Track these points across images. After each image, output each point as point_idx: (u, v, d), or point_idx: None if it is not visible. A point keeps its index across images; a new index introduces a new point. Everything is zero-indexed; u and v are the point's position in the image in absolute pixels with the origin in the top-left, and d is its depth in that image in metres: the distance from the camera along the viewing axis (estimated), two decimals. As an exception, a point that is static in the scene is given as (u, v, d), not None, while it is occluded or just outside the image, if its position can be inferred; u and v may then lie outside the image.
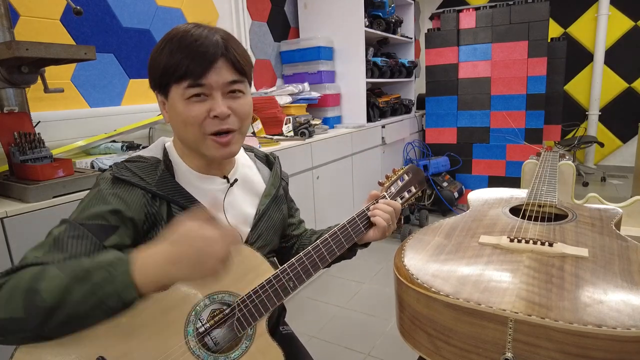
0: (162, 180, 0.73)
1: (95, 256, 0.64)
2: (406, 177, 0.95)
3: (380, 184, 0.94)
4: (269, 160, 0.94)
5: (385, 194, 0.90)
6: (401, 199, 0.91)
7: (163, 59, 0.69)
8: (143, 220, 0.70)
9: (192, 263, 0.57)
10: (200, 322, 0.70)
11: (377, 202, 0.87)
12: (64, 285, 0.55)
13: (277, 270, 0.76)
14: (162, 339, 0.65)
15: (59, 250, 0.62)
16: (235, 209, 0.82)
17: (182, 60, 0.67)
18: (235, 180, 0.83)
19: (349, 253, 0.89)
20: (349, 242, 0.83)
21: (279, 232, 0.92)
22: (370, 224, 0.86)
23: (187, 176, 0.77)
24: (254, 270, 0.75)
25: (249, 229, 0.83)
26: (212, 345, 0.71)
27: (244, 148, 0.93)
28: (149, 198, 0.71)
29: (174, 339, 0.66)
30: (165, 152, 0.78)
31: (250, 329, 0.73)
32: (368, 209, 0.86)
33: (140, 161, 0.75)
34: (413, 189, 0.94)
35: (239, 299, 0.72)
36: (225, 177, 0.81)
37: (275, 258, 0.91)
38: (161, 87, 0.71)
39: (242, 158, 0.89)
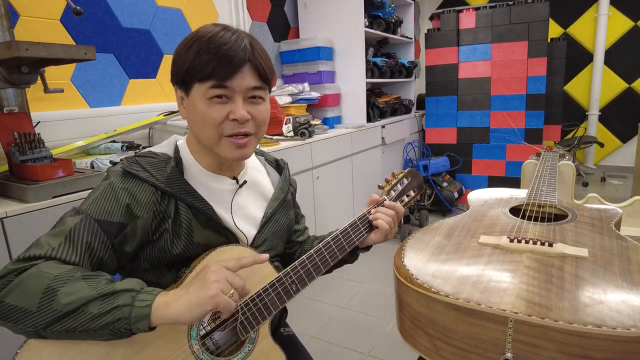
0: (171, 178, 0.73)
1: (105, 267, 0.67)
2: (405, 181, 0.96)
3: (380, 187, 0.95)
4: (279, 165, 0.94)
5: (385, 197, 0.91)
6: (400, 202, 0.93)
7: (189, 57, 0.69)
8: (152, 219, 0.71)
9: (193, 289, 0.61)
10: (202, 326, 0.70)
11: (378, 205, 0.88)
12: (87, 297, 0.57)
13: (280, 273, 0.76)
14: (166, 343, 0.65)
15: (73, 244, 0.64)
16: (243, 210, 0.82)
17: (209, 61, 0.68)
18: (245, 181, 0.83)
19: (351, 257, 0.90)
20: (350, 245, 0.84)
21: (285, 237, 0.92)
22: (371, 228, 0.87)
23: (197, 174, 0.77)
24: (257, 273, 0.75)
25: (256, 232, 0.83)
26: (215, 349, 0.71)
27: (255, 152, 0.93)
28: (159, 196, 0.71)
29: (178, 342, 0.66)
30: (176, 150, 0.78)
31: (253, 332, 0.73)
32: (369, 212, 0.87)
33: (151, 157, 0.75)
34: (412, 193, 0.96)
35: (242, 302, 0.72)
36: (234, 178, 0.81)
37: (279, 263, 0.91)
38: (184, 83, 0.72)
39: (252, 161, 0.89)
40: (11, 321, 0.56)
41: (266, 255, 0.71)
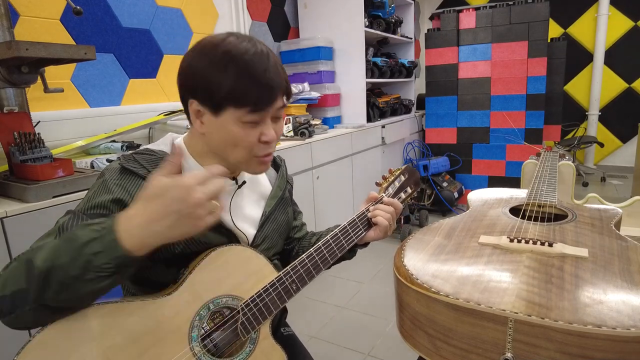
0: None
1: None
2: (402, 178, 0.97)
3: (378, 184, 0.96)
4: (276, 162, 0.94)
5: (383, 194, 0.92)
6: (398, 199, 0.94)
7: (227, 81, 0.67)
8: None
9: (173, 216, 0.55)
10: (203, 328, 0.70)
11: (376, 203, 0.89)
12: (53, 249, 0.56)
13: (280, 273, 0.76)
14: (167, 345, 0.65)
15: None
16: (242, 210, 0.82)
17: (251, 89, 0.67)
18: (244, 182, 0.83)
19: (349, 254, 0.90)
20: (349, 243, 0.84)
21: (284, 234, 0.92)
22: (370, 225, 0.88)
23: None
24: (257, 273, 0.75)
25: (255, 231, 0.83)
26: (216, 350, 0.71)
27: None
28: None
29: (179, 344, 0.66)
30: (173, 148, 0.78)
31: (254, 333, 0.73)
32: (368, 209, 0.88)
33: (148, 154, 0.75)
34: (409, 190, 0.97)
35: (243, 303, 0.72)
36: (234, 179, 0.81)
37: (278, 261, 0.91)
38: (215, 104, 0.69)
39: None
40: (17, 308, 0.55)
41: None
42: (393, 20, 3.18)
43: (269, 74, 0.68)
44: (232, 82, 0.66)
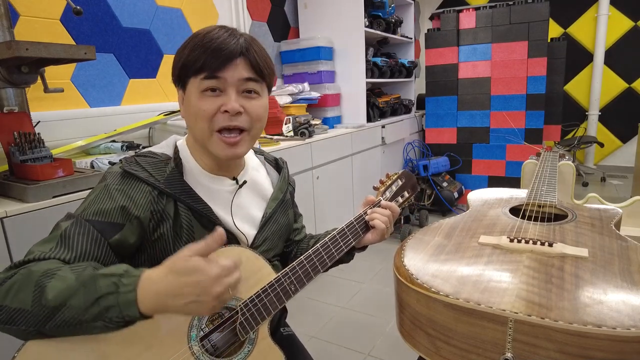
0: (171, 178, 0.73)
1: (105, 265, 0.64)
2: (400, 182, 0.98)
3: (375, 188, 0.97)
4: (278, 164, 0.94)
5: (381, 198, 0.93)
6: (396, 202, 0.94)
7: (184, 54, 0.71)
8: (149, 218, 0.70)
9: (190, 298, 0.56)
10: (202, 329, 0.70)
11: (374, 206, 0.89)
12: (70, 288, 0.56)
13: (279, 274, 0.76)
14: (166, 345, 0.65)
15: (66, 246, 0.63)
16: (243, 211, 0.82)
17: (200, 55, 0.69)
18: (245, 182, 0.83)
19: (347, 257, 0.90)
20: (347, 246, 0.85)
21: (284, 236, 0.92)
22: (367, 228, 0.88)
23: (197, 175, 0.77)
24: (256, 273, 0.75)
25: (255, 232, 0.83)
26: (215, 350, 0.71)
27: (254, 151, 0.93)
28: (156, 195, 0.71)
29: (178, 344, 0.66)
30: (176, 150, 0.78)
31: (253, 333, 0.73)
32: (365, 212, 0.88)
33: (150, 156, 0.75)
34: (406, 194, 0.98)
35: (242, 303, 0.72)
36: (234, 179, 0.81)
37: (278, 262, 0.91)
38: (180, 80, 0.73)
39: (252, 161, 0.88)
40: (15, 324, 0.56)
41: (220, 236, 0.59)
42: (393, 20, 3.18)
43: (220, 40, 0.69)
44: (187, 53, 0.71)
